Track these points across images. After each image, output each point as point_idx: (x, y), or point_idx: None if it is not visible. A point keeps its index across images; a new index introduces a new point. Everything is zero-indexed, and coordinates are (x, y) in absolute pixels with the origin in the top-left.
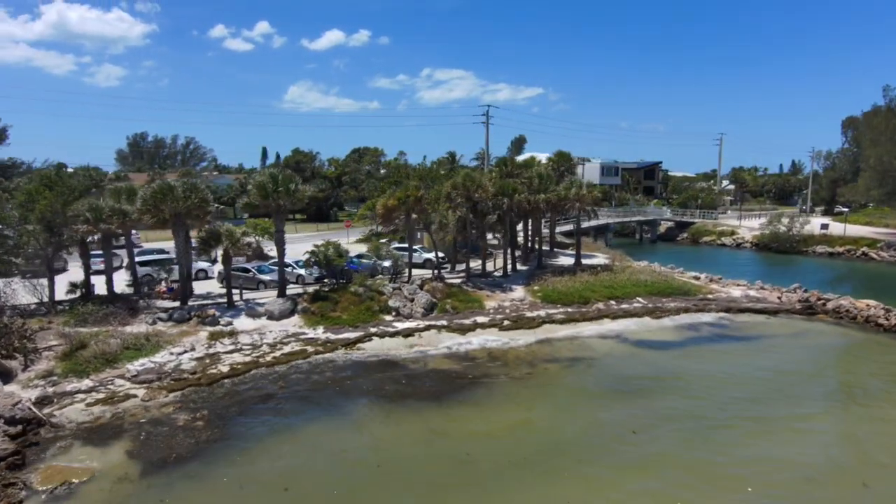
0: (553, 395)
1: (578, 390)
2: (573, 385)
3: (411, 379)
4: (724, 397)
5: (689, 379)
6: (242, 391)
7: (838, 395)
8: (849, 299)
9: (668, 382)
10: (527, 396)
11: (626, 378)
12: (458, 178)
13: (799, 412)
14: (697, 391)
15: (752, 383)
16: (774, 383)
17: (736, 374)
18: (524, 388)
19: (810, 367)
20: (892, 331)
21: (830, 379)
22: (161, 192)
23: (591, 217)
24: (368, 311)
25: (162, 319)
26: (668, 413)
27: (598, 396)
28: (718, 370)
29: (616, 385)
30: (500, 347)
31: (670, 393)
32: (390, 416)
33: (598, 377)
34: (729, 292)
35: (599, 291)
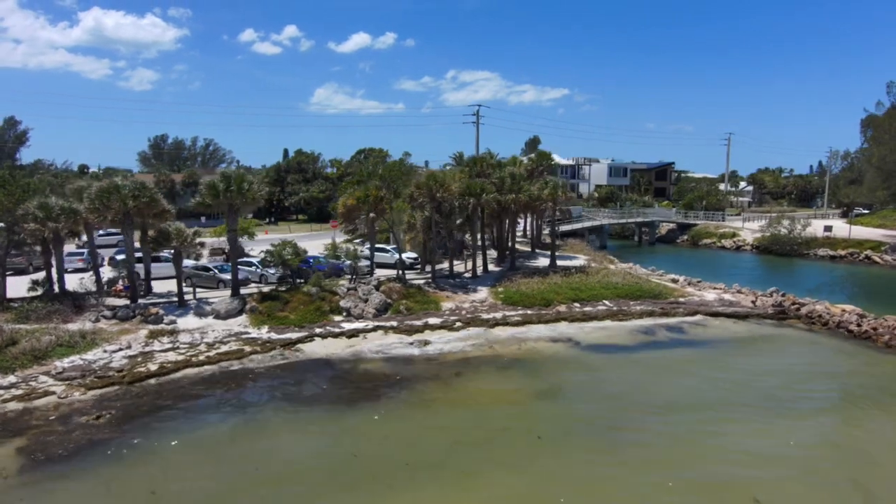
0: (473, 398)
1: (502, 394)
2: (499, 389)
3: (337, 381)
4: (648, 403)
5: (622, 384)
6: (161, 391)
7: (766, 404)
8: (825, 304)
9: (600, 388)
10: (444, 400)
11: (557, 383)
12: (422, 178)
13: (713, 420)
14: (625, 397)
15: (683, 390)
16: (705, 391)
17: (671, 380)
18: (447, 391)
19: (751, 374)
20: (861, 337)
21: (766, 387)
22: (107, 191)
23: (565, 217)
24: (318, 311)
25: (106, 317)
26: (585, 417)
27: (519, 401)
28: (656, 376)
29: (544, 389)
30: (440, 349)
31: (596, 398)
32: (297, 419)
33: (528, 381)
34: (703, 296)
35: (564, 294)
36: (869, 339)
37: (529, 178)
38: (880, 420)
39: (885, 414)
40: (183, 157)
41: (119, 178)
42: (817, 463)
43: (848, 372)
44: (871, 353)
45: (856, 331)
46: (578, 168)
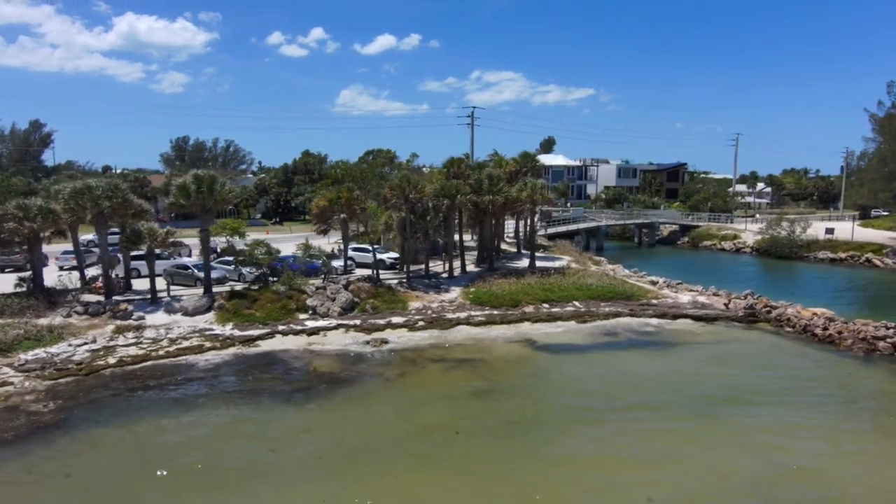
0: (409, 396)
1: (439, 392)
2: (438, 387)
3: (282, 377)
4: (581, 405)
5: (564, 385)
6: (112, 383)
7: (698, 407)
8: (797, 308)
9: (539, 387)
10: (379, 397)
11: (498, 382)
12: (395, 180)
13: (638, 420)
14: (560, 397)
15: (622, 391)
16: (644, 392)
17: (615, 380)
18: (385, 389)
19: (697, 376)
20: (825, 341)
21: (706, 388)
22: (80, 192)
23: (546, 218)
24: (284, 309)
25: (78, 313)
26: (511, 416)
27: (454, 399)
28: (601, 376)
29: (483, 388)
30: (394, 348)
31: (531, 398)
32: (228, 413)
33: (469, 380)
34: (678, 298)
35: (534, 294)
36: (832, 343)
37: (513, 179)
38: (807, 423)
39: (813, 416)
40: (204, 159)
41: (94, 180)
42: (723, 464)
43: (794, 375)
44: (827, 356)
45: (820, 334)
46: (585, 169)
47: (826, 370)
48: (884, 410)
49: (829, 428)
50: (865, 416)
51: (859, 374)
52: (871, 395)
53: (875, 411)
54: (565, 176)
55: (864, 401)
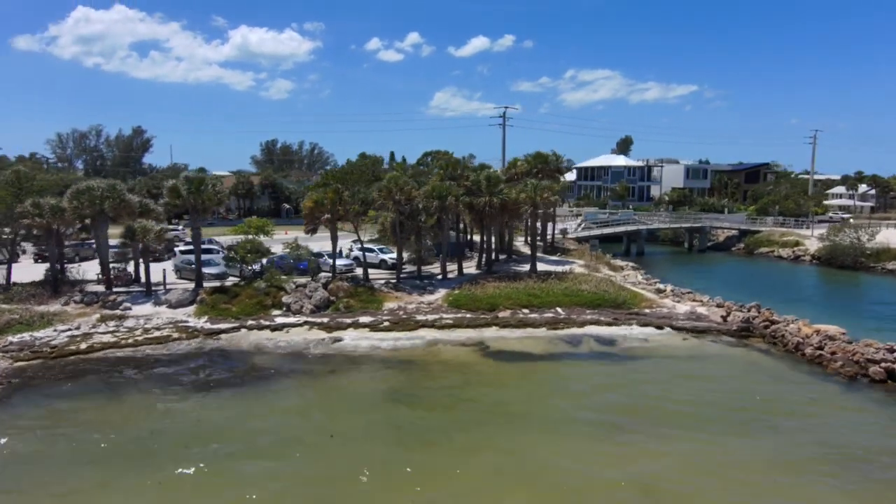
0: (321, 395)
1: (353, 393)
2: (358, 387)
3: (218, 369)
4: (490, 414)
5: (485, 394)
6: (68, 368)
7: (590, 425)
8: (800, 323)
9: (457, 394)
10: (291, 394)
11: (421, 386)
12: (383, 182)
13: (533, 433)
14: (472, 406)
15: (541, 405)
16: (563, 407)
17: (543, 393)
18: (305, 387)
19: (627, 392)
20: (813, 361)
21: (622, 406)
22: (81, 192)
23: (550, 220)
24: (259, 305)
25: (76, 302)
26: (406, 422)
27: (361, 401)
28: (533, 388)
29: (400, 392)
30: (342, 347)
31: (441, 405)
32: (148, 400)
33: (392, 383)
34: (675, 307)
35: (517, 299)
36: (819, 364)
37: (512, 181)
38: (695, 448)
39: (714, 441)
40: (290, 160)
41: (95, 181)
42: (603, 489)
43: (743, 397)
44: (802, 378)
45: (809, 354)
46: (649, 170)
47: (787, 394)
48: (801, 443)
49: (716, 454)
50: (773, 445)
51: (821, 400)
52: (806, 426)
53: (790, 443)
54: (625, 177)
55: (796, 431)
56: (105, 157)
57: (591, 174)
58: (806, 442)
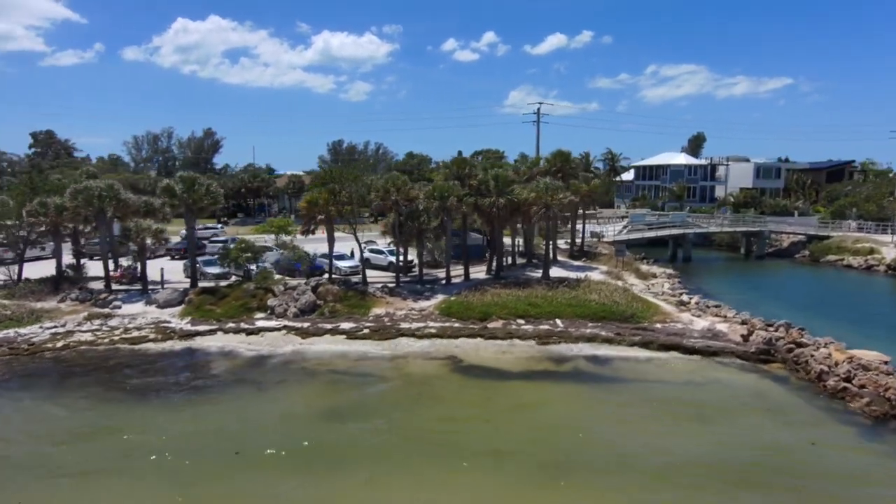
0: (259, 407)
1: (294, 407)
2: (301, 400)
3: (174, 374)
4: (417, 440)
5: (428, 414)
6: (32, 364)
7: (536, 464)
8: (831, 348)
9: (404, 414)
10: (229, 406)
11: (370, 402)
12: (379, 182)
13: (443, 471)
14: (395, 428)
15: (476, 432)
16: (492, 435)
17: (491, 417)
18: (246, 398)
19: (589, 426)
20: (835, 395)
21: (564, 446)
22: (80, 192)
23: (560, 223)
24: (244, 307)
25: (72, 299)
26: (319, 440)
27: (299, 416)
28: (481, 410)
29: (345, 408)
30: (306, 354)
31: (377, 426)
32: (68, 402)
33: (343, 397)
34: (691, 323)
35: (513, 308)
36: (841, 399)
37: (526, 180)
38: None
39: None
40: (355, 160)
41: (94, 181)
42: None
43: (727, 440)
44: (816, 416)
45: (831, 386)
46: (713, 168)
47: (785, 437)
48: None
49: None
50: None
51: (822, 449)
52: (789, 484)
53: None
54: (686, 176)
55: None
56: (176, 158)
57: (649, 173)
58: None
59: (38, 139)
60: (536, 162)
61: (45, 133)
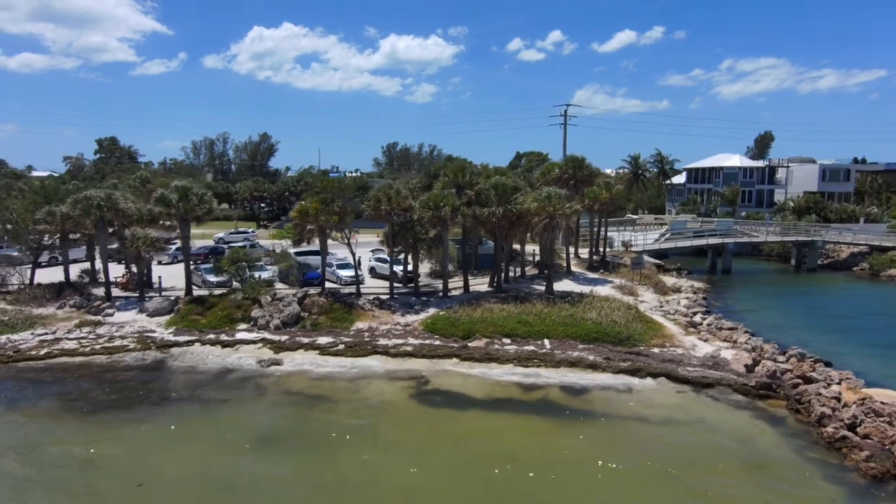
0: (190, 429)
1: (224, 432)
2: (236, 425)
3: (133, 387)
4: (335, 487)
5: (352, 455)
6: (3, 372)
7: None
8: (845, 385)
9: (341, 443)
10: (160, 426)
11: (307, 430)
12: (372, 192)
13: None
14: (337, 464)
15: (390, 474)
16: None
17: (413, 455)
18: (184, 418)
19: (526, 474)
20: (833, 446)
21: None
22: (79, 201)
23: (566, 232)
24: (227, 318)
25: (71, 306)
26: (245, 477)
27: (228, 442)
28: (403, 446)
29: (277, 435)
30: (276, 371)
31: (299, 457)
32: (23, 412)
33: (280, 423)
34: (694, 348)
35: (501, 326)
36: (839, 451)
37: (524, 188)
38: None
39: None
40: (408, 162)
41: (93, 191)
42: None
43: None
44: (803, 471)
45: (829, 434)
46: (771, 170)
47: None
48: None
49: None
50: None
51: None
52: None
53: None
54: (740, 179)
55: None
56: (232, 162)
57: (701, 176)
58: None
59: (103, 145)
60: (550, 168)
61: (109, 140)
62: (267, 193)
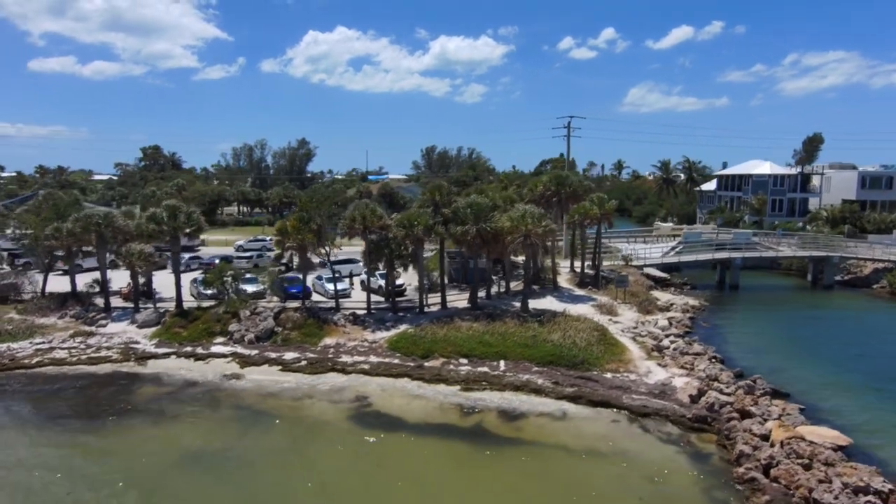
0: (130, 442)
1: (156, 446)
2: (170, 440)
3: (98, 396)
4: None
5: (264, 479)
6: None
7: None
8: (778, 422)
9: (266, 464)
10: (108, 437)
11: (232, 447)
12: (349, 211)
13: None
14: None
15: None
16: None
17: (309, 482)
18: (133, 430)
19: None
20: (743, 484)
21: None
22: (80, 219)
23: (544, 251)
24: (206, 331)
25: (70, 316)
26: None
27: (161, 455)
28: (316, 469)
29: (208, 452)
30: (231, 385)
31: (222, 477)
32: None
33: (217, 440)
34: (648, 373)
35: (461, 346)
36: (745, 492)
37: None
38: None
39: None
40: (447, 165)
41: (96, 209)
42: None
43: None
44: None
45: (739, 475)
46: (805, 178)
47: None
48: None
49: None
50: None
51: None
52: None
53: None
54: (770, 187)
55: None
56: (270, 167)
57: (731, 183)
58: None
59: (147, 153)
60: (535, 185)
61: (153, 148)
62: (295, 200)
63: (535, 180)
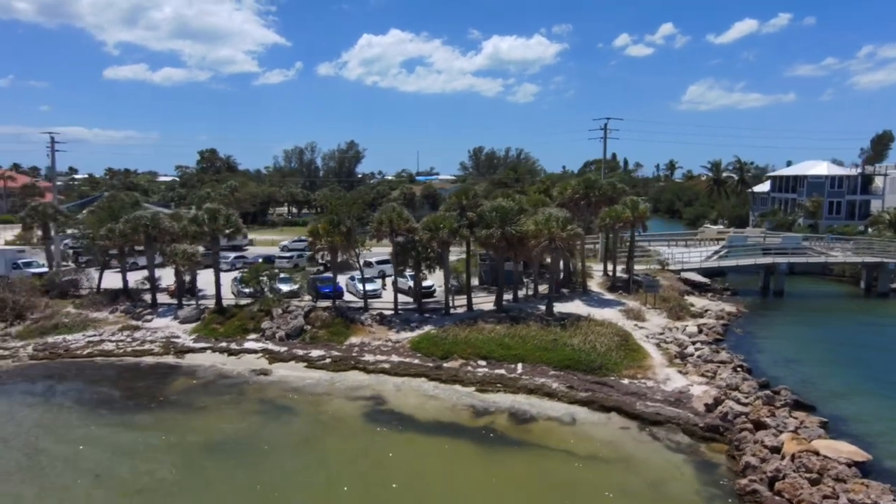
0: (158, 429)
1: (185, 436)
2: (200, 428)
3: (136, 386)
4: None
5: (309, 463)
6: (51, 366)
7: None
8: (791, 435)
9: (277, 456)
10: (134, 424)
11: (259, 439)
12: (377, 214)
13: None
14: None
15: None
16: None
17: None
18: (161, 419)
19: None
20: (742, 499)
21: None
22: (130, 221)
23: (571, 255)
24: (242, 328)
25: (120, 311)
26: (165, 482)
27: (181, 447)
28: (361, 467)
29: (228, 443)
30: (264, 381)
31: (244, 467)
32: (42, 403)
33: (239, 431)
34: (666, 380)
35: (481, 348)
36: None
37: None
38: None
39: None
40: (495, 166)
41: (142, 212)
42: None
43: None
44: None
45: (741, 486)
46: (865, 179)
47: None
48: None
49: None
50: None
51: None
52: None
53: None
54: (826, 189)
55: None
56: (320, 169)
57: (786, 185)
58: None
59: (204, 156)
60: (565, 188)
61: (209, 151)
62: (342, 203)
63: (564, 183)
